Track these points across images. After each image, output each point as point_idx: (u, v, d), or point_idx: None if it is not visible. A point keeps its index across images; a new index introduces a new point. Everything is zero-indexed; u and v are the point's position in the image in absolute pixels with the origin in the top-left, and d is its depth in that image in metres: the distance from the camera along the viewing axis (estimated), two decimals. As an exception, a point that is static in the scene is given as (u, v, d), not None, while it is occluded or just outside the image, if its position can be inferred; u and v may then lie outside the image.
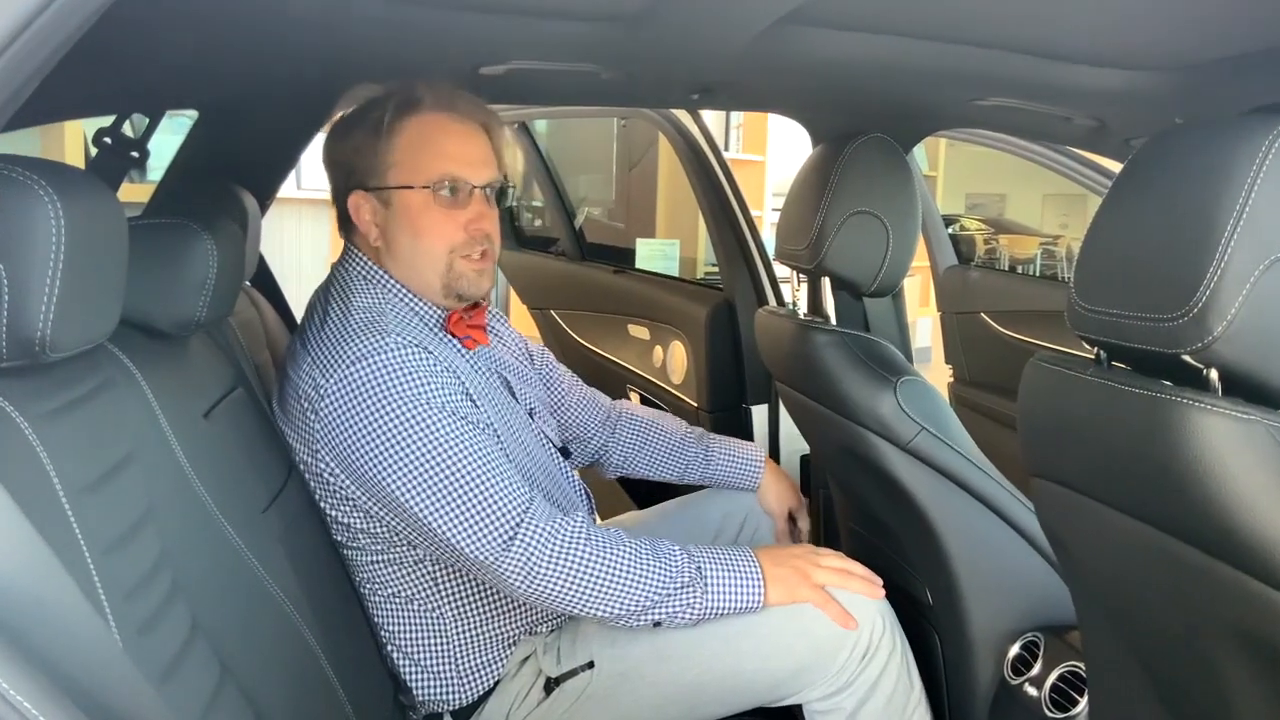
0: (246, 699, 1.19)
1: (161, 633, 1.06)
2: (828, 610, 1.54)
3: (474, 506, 1.46)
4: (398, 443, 1.47)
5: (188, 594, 1.14)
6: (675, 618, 1.53)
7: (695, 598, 1.52)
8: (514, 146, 1.73)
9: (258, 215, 2.01)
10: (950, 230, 3.74)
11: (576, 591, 1.48)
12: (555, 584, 1.47)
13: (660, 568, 1.51)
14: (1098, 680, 1.33)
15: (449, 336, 1.65)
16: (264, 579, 1.33)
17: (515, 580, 1.48)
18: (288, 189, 4.37)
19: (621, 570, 1.49)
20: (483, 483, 1.47)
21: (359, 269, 1.66)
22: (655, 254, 3.99)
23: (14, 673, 0.66)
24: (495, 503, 1.46)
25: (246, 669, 1.21)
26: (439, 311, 1.67)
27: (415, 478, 1.46)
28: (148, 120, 1.94)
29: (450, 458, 1.47)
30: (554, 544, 1.47)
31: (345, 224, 1.69)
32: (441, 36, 1.42)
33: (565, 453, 1.85)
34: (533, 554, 1.46)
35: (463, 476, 1.46)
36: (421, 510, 1.47)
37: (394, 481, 1.47)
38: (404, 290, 1.64)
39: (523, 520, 1.47)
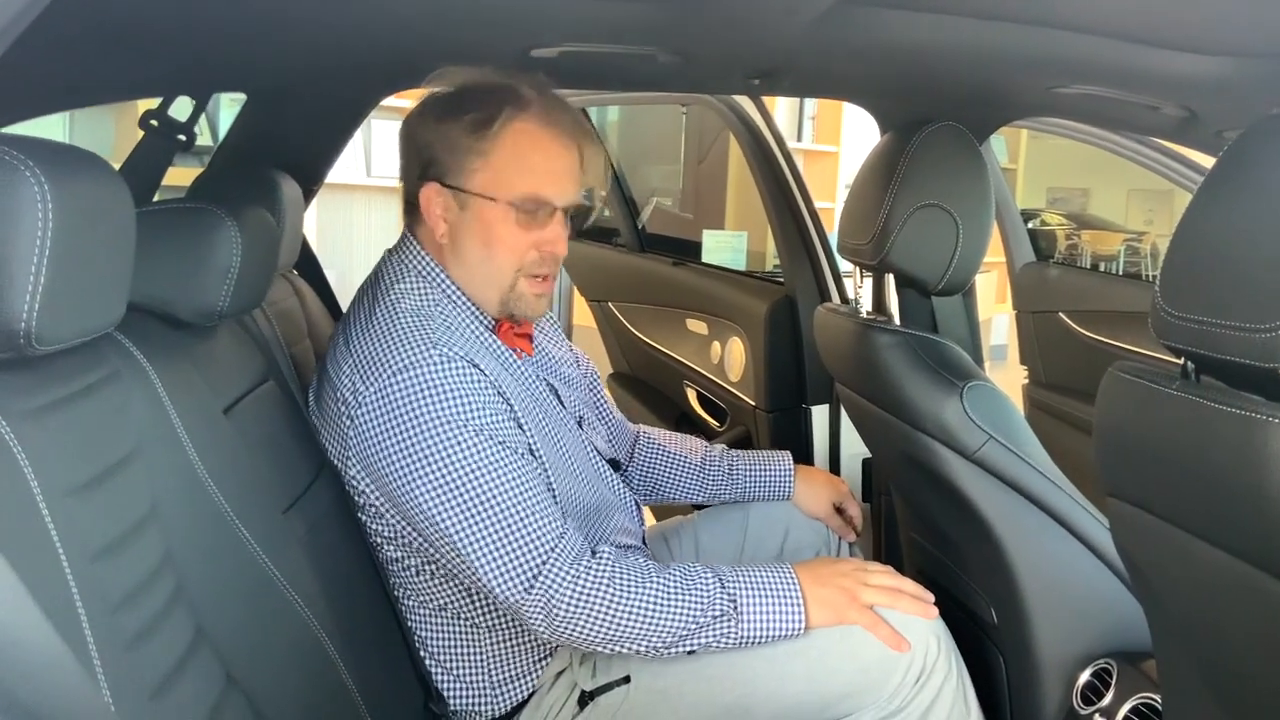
0: (253, 710, 1.13)
1: (157, 643, 1.00)
2: (878, 633, 1.47)
3: (498, 543, 1.41)
4: (428, 464, 1.41)
5: (192, 600, 1.09)
6: (709, 647, 1.47)
7: (729, 628, 1.46)
8: (600, 163, 1.66)
9: (299, 202, 1.97)
10: (1030, 225, 3.60)
11: (598, 634, 1.43)
12: (575, 628, 1.43)
13: (691, 602, 1.45)
14: (1175, 717, 1.22)
15: (497, 342, 1.59)
16: (279, 583, 1.27)
17: (536, 623, 1.44)
18: (357, 175, 4.38)
19: (647, 610, 1.43)
20: (510, 518, 1.41)
21: (414, 262, 1.59)
22: (723, 246, 3.92)
23: None
24: (520, 541, 1.41)
25: (255, 678, 1.16)
26: (489, 317, 1.60)
27: (441, 503, 1.41)
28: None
29: (480, 487, 1.41)
30: (574, 589, 1.42)
31: (411, 210, 1.62)
32: (493, 17, 1.37)
33: (615, 464, 1.78)
34: (552, 598, 1.41)
35: (490, 509, 1.41)
36: (442, 539, 1.43)
37: (418, 504, 1.42)
38: (458, 291, 1.58)
39: (546, 561, 1.42)
